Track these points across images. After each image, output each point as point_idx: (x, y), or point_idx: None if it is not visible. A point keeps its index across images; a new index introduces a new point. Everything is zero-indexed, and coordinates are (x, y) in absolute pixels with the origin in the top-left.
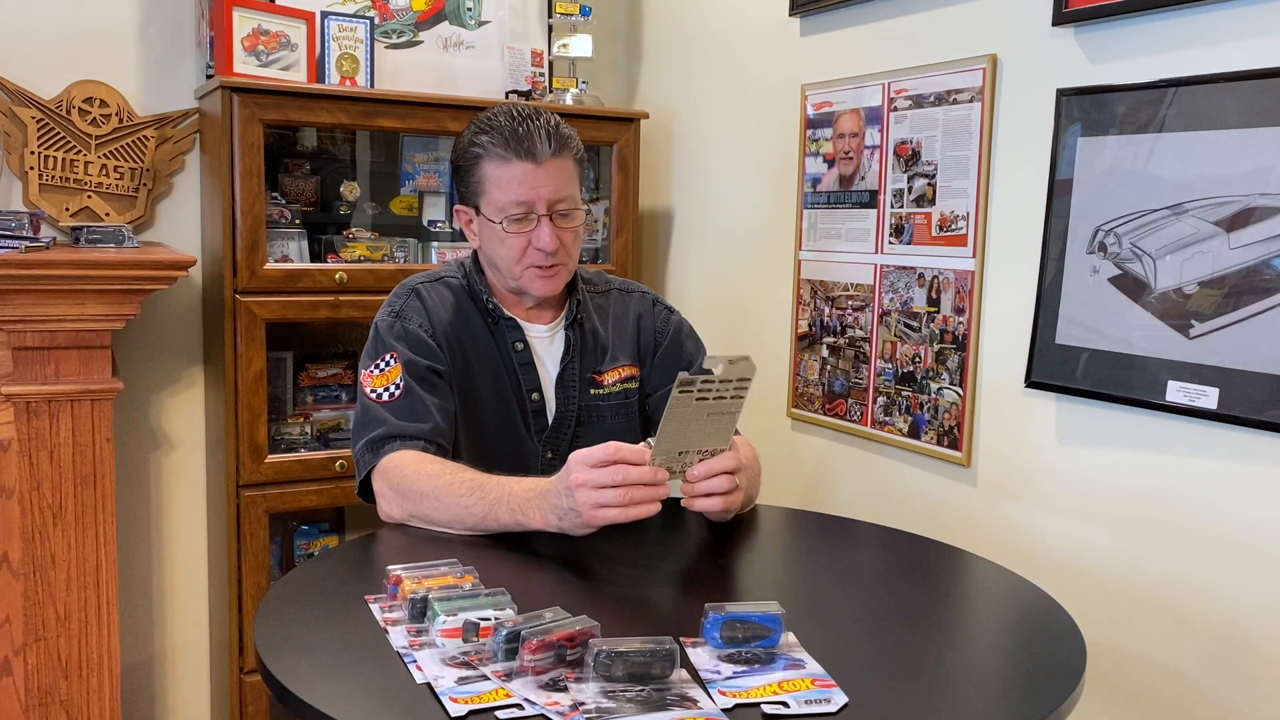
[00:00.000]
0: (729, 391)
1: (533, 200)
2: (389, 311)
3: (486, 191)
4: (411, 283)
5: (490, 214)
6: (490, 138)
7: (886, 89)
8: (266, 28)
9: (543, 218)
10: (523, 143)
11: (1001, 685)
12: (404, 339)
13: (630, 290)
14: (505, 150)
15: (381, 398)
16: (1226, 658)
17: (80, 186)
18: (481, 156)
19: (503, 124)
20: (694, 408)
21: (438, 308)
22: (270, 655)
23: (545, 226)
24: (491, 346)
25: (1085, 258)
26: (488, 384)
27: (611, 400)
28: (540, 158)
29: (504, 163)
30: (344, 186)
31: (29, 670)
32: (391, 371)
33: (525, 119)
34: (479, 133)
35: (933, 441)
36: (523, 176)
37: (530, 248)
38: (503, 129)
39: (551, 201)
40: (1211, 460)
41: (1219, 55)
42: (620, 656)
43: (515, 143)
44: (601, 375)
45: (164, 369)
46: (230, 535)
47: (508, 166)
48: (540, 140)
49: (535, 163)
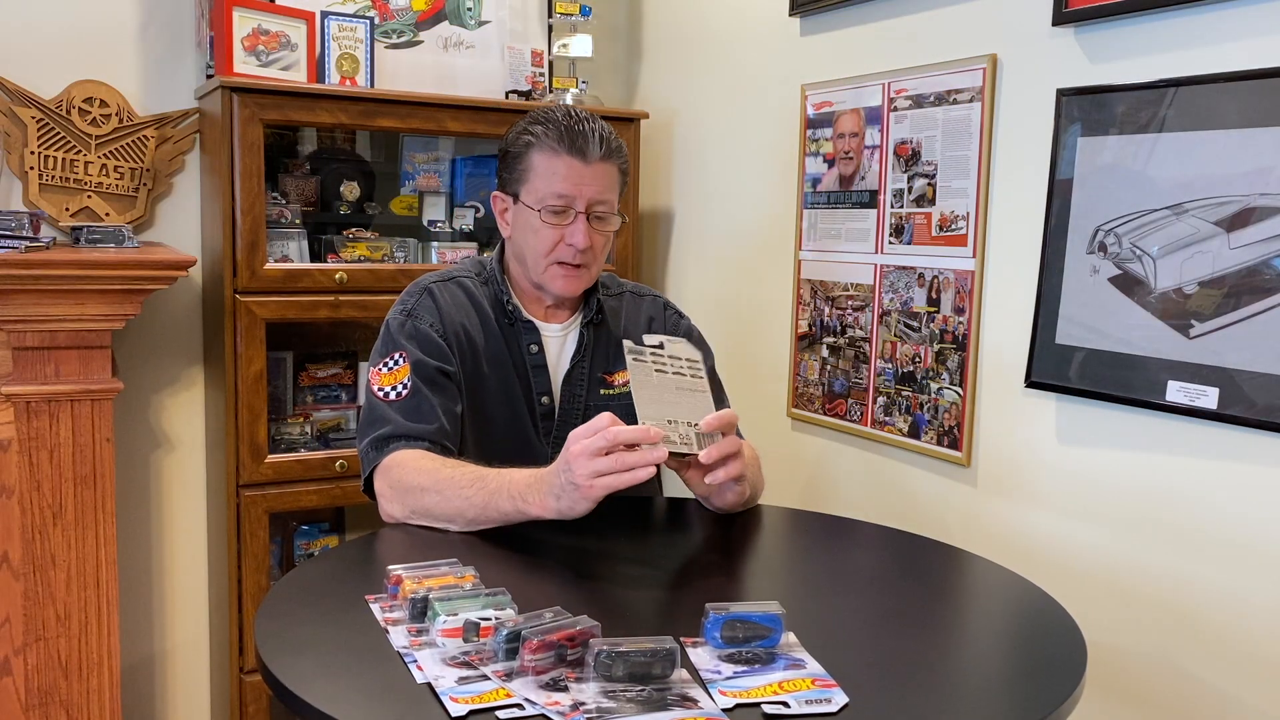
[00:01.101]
0: (685, 369)
1: (574, 195)
2: (401, 310)
3: (530, 180)
4: (425, 281)
5: (530, 201)
6: (545, 129)
7: (886, 89)
8: (266, 28)
9: (580, 215)
10: (575, 139)
11: (1002, 685)
12: (414, 338)
13: (642, 294)
14: (557, 143)
15: (389, 396)
16: (1226, 658)
17: (80, 186)
18: (532, 144)
19: (559, 119)
20: (657, 379)
21: (450, 307)
22: (271, 655)
23: (581, 223)
24: (504, 348)
25: (1085, 257)
26: (497, 385)
27: (621, 400)
28: (590, 157)
29: (553, 154)
30: (344, 186)
31: (29, 670)
32: (400, 370)
33: (581, 119)
34: (534, 123)
35: (933, 441)
36: (568, 170)
37: (562, 243)
38: (559, 123)
39: (592, 201)
40: (1211, 460)
41: (1219, 55)
42: (621, 656)
43: (569, 137)
44: (612, 375)
45: (164, 369)
46: (230, 535)
47: (556, 158)
48: (593, 141)
49: (584, 160)
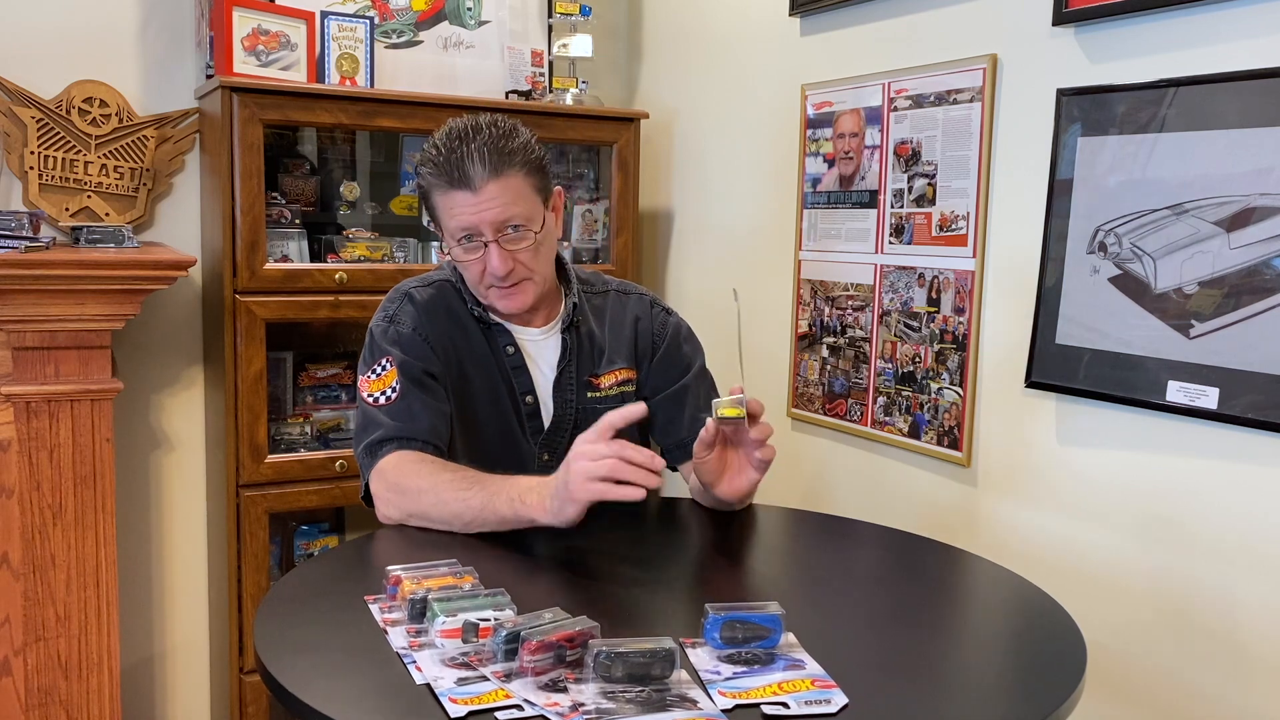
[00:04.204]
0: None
1: (476, 225)
2: (383, 316)
3: (439, 219)
4: (404, 287)
5: (447, 241)
6: (430, 168)
7: (886, 89)
8: (266, 28)
9: (490, 243)
10: (455, 170)
11: (1002, 685)
12: (398, 343)
13: (628, 292)
14: (441, 180)
15: (378, 401)
16: (1226, 657)
17: (80, 186)
18: (426, 188)
19: (439, 152)
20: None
21: (431, 311)
22: (270, 655)
23: (493, 251)
24: (485, 349)
25: (1085, 258)
26: (483, 386)
27: (608, 403)
28: (476, 184)
29: (444, 193)
30: (344, 186)
31: (29, 670)
32: (387, 375)
33: (462, 141)
34: (423, 162)
35: (933, 441)
36: (462, 205)
37: (485, 271)
38: (438, 158)
39: (496, 225)
40: (1211, 460)
41: (1219, 55)
42: (620, 657)
43: (450, 170)
44: (598, 379)
45: (164, 369)
46: (230, 535)
47: (448, 196)
48: (474, 165)
49: (471, 190)
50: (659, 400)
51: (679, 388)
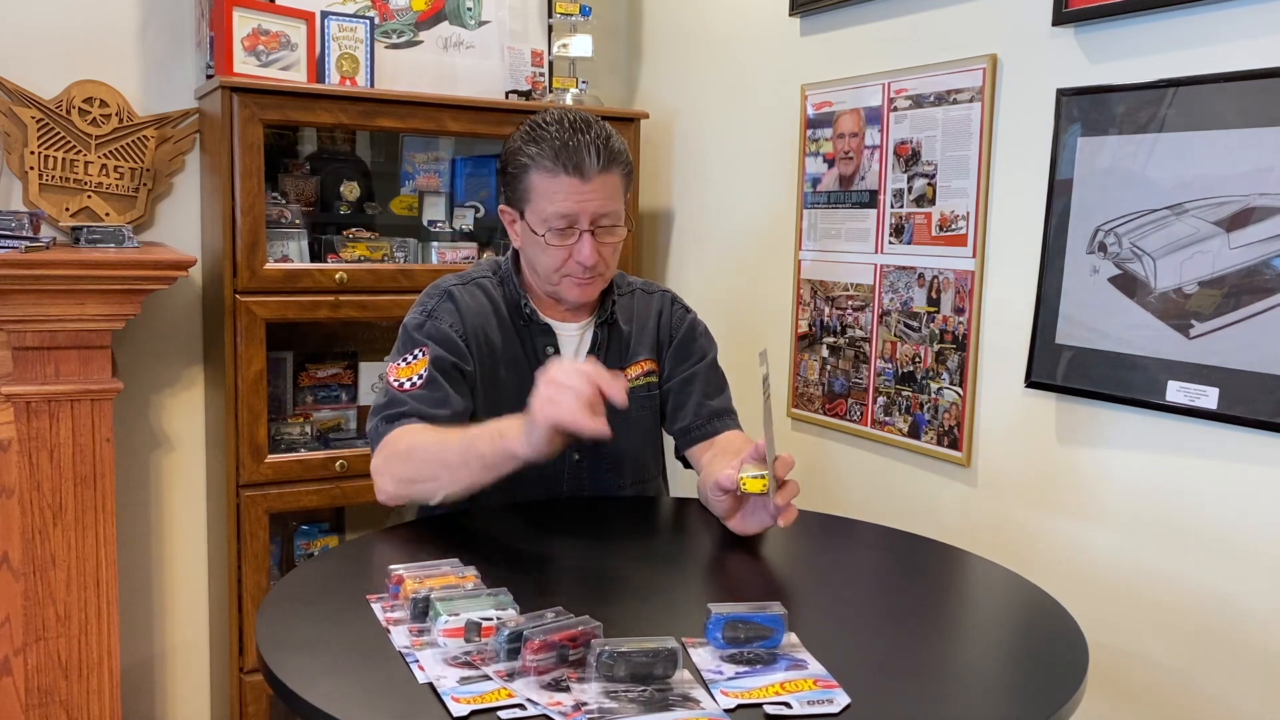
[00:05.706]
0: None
1: (577, 214)
2: (420, 311)
3: (532, 200)
4: (445, 284)
5: (534, 222)
6: (539, 149)
7: (886, 89)
8: (266, 28)
9: (585, 233)
10: (571, 157)
11: (1004, 685)
12: (433, 337)
13: (651, 290)
14: (553, 163)
15: (404, 386)
16: (1226, 657)
17: (80, 186)
18: (529, 166)
19: (553, 135)
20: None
21: (470, 310)
22: (272, 655)
23: (587, 241)
24: (520, 350)
25: (1085, 257)
26: (514, 387)
27: (634, 394)
28: (588, 174)
29: (550, 176)
30: (344, 186)
31: (29, 670)
32: (418, 364)
33: (577, 130)
34: (529, 141)
35: (933, 441)
36: (568, 191)
37: (570, 259)
38: (552, 141)
39: (595, 217)
40: (1211, 460)
41: (1219, 55)
42: (622, 657)
43: (564, 156)
44: (625, 370)
45: (164, 369)
46: (230, 535)
47: (554, 180)
48: (589, 155)
49: (582, 178)
50: (670, 386)
51: (689, 374)
